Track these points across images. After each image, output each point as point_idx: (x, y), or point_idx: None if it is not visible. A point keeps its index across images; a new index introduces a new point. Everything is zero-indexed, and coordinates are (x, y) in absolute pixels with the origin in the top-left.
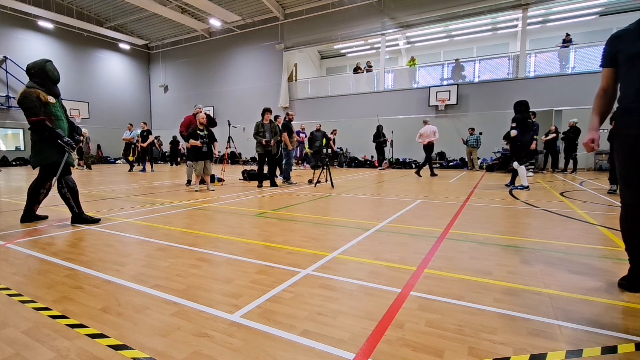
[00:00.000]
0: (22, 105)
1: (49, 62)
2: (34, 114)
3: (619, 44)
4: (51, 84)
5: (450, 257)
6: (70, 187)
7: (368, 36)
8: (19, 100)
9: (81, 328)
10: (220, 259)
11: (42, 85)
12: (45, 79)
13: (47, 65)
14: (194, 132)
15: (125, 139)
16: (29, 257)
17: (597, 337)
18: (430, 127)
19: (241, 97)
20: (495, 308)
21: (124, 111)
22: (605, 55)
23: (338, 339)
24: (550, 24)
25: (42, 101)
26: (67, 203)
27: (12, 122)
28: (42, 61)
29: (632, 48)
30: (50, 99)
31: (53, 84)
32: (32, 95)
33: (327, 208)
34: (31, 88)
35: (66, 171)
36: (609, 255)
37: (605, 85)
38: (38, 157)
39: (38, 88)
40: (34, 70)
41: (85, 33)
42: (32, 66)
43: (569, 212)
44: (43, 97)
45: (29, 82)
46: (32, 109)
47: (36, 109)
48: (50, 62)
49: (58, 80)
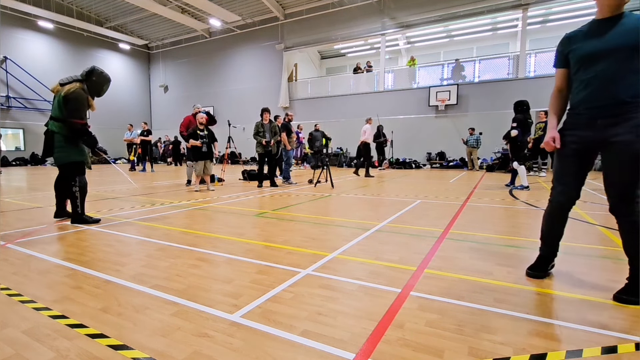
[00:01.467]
0: (70, 103)
1: (110, 82)
2: (79, 117)
3: (571, 44)
4: (94, 94)
5: (450, 257)
6: (81, 187)
7: (368, 36)
8: (69, 97)
9: (81, 328)
10: (220, 259)
11: (90, 93)
12: (94, 89)
13: (108, 83)
14: (194, 132)
15: (126, 139)
16: (29, 257)
17: (597, 337)
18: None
19: (241, 97)
20: (495, 308)
21: (123, 111)
22: (557, 56)
23: (338, 339)
24: (550, 24)
25: (88, 106)
26: (73, 202)
27: (12, 122)
28: (107, 77)
29: (581, 49)
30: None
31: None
32: (83, 97)
33: (327, 208)
34: (83, 90)
35: (81, 171)
36: (609, 255)
37: (560, 85)
38: (62, 154)
39: (87, 92)
40: (96, 77)
41: (85, 33)
42: (97, 73)
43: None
44: (92, 104)
45: (81, 83)
46: (80, 111)
47: (83, 113)
48: (110, 82)
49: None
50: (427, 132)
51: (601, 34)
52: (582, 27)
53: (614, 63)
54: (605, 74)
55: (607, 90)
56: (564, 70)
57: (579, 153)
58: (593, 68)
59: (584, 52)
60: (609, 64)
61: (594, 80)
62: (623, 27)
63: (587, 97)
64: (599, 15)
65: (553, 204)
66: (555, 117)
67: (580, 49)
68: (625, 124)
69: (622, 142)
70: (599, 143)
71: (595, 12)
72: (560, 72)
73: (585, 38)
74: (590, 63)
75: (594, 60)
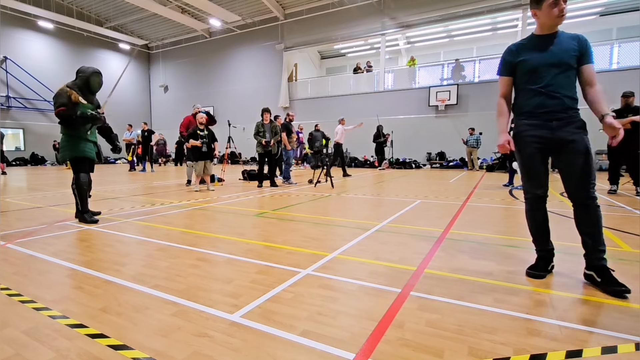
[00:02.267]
0: (53, 101)
1: (98, 74)
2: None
3: (517, 56)
4: (87, 91)
5: (450, 257)
6: (79, 185)
7: (368, 36)
8: (53, 96)
9: (81, 328)
10: (220, 259)
11: (80, 89)
12: (84, 85)
13: (93, 75)
14: (194, 132)
15: (125, 139)
16: (29, 257)
17: (597, 337)
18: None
19: (241, 97)
20: (495, 308)
21: (123, 111)
22: (504, 65)
23: (338, 339)
24: None
25: (72, 100)
26: (75, 199)
27: (12, 122)
28: (92, 70)
29: (529, 62)
30: (81, 99)
31: (90, 92)
32: (64, 92)
33: (327, 208)
34: (68, 87)
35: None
36: (609, 255)
37: (506, 92)
38: (65, 151)
39: (74, 89)
40: (81, 73)
41: (85, 33)
42: (82, 70)
43: (569, 212)
44: (75, 97)
45: (70, 82)
46: (58, 103)
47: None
48: (98, 74)
49: (96, 91)
50: (427, 132)
51: (544, 49)
52: (523, 41)
53: (558, 75)
54: (552, 84)
55: (555, 98)
56: (510, 78)
57: (541, 150)
58: (541, 79)
59: (533, 65)
60: (554, 76)
61: (543, 89)
62: (560, 45)
63: (539, 104)
64: (539, 31)
65: (531, 199)
66: (505, 120)
67: (528, 62)
68: (573, 125)
69: (576, 140)
70: (557, 141)
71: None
72: (506, 79)
73: (531, 52)
74: (538, 75)
75: (541, 72)
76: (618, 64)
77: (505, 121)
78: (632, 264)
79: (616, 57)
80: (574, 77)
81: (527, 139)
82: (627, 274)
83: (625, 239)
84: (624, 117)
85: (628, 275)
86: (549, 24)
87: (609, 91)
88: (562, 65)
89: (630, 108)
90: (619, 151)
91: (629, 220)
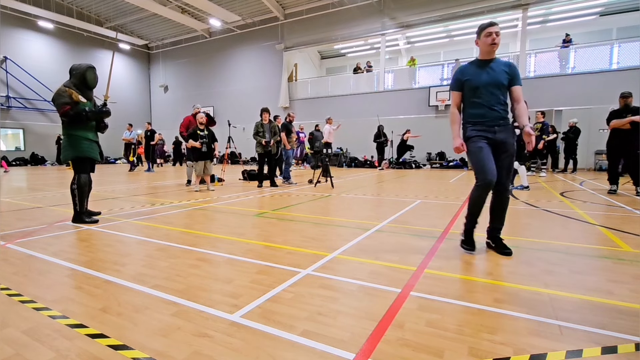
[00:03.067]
0: (54, 102)
1: (92, 69)
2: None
3: (465, 75)
4: (86, 88)
5: (450, 257)
6: (80, 186)
7: (368, 36)
8: (53, 99)
9: (81, 328)
10: (220, 259)
11: (77, 87)
12: (81, 82)
13: (89, 71)
14: (194, 133)
15: (125, 139)
16: (29, 257)
17: (597, 337)
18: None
19: (241, 97)
20: (495, 308)
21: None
22: (455, 82)
23: (338, 339)
24: (550, 24)
25: (73, 99)
26: (73, 200)
27: (12, 122)
28: (85, 66)
29: (473, 81)
30: (81, 98)
31: (88, 89)
32: (64, 92)
33: (327, 208)
34: (66, 87)
35: (85, 168)
36: (609, 255)
37: (458, 103)
38: (69, 151)
39: (72, 88)
40: (75, 71)
41: (85, 33)
42: (75, 67)
43: (569, 212)
44: (75, 96)
45: (67, 82)
46: (62, 103)
47: (64, 102)
48: (93, 69)
49: (94, 87)
50: (427, 132)
51: (484, 71)
52: (470, 63)
53: (494, 92)
54: (491, 99)
55: (493, 110)
56: (460, 92)
57: (490, 147)
58: (483, 95)
59: (476, 84)
60: (492, 93)
61: (485, 103)
62: (496, 69)
63: (482, 114)
64: (481, 57)
65: (483, 185)
66: (458, 126)
67: (473, 81)
68: (508, 131)
69: (509, 143)
70: (498, 142)
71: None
72: (457, 94)
73: (475, 72)
74: (480, 91)
75: (482, 89)
76: (618, 64)
77: (458, 127)
78: (632, 264)
79: (616, 57)
80: (506, 94)
81: (475, 138)
82: (627, 273)
83: (625, 239)
84: (623, 118)
85: (628, 275)
86: (485, 50)
87: (609, 91)
88: (497, 85)
89: (629, 108)
90: (619, 151)
91: (629, 220)
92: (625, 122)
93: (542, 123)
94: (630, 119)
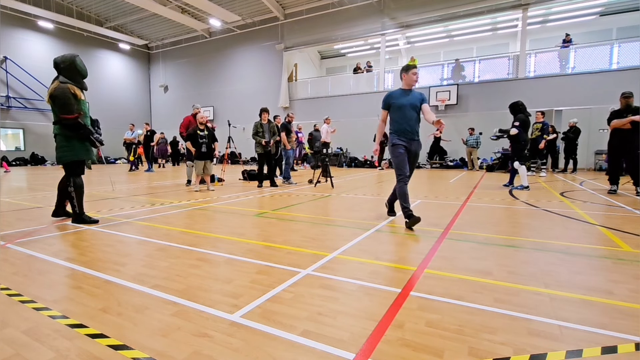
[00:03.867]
0: (57, 101)
1: (78, 56)
2: (69, 112)
3: (391, 99)
4: (80, 78)
5: (450, 257)
6: (76, 187)
7: (368, 36)
8: (54, 95)
9: (81, 328)
10: (220, 259)
11: (72, 80)
12: (75, 74)
13: (77, 59)
14: (195, 133)
15: (127, 139)
16: (29, 257)
17: (597, 337)
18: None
19: (241, 97)
20: (495, 308)
21: (123, 111)
22: (384, 102)
23: (338, 339)
24: (550, 24)
25: (77, 98)
26: (71, 202)
27: (12, 122)
28: (72, 56)
29: (397, 103)
30: (82, 95)
31: (82, 78)
32: (68, 92)
33: (327, 208)
34: (65, 83)
35: (82, 170)
36: (609, 255)
37: (385, 118)
38: (68, 153)
39: (71, 83)
40: (64, 64)
41: (85, 33)
42: (60, 60)
43: (569, 212)
44: (78, 94)
45: (61, 77)
46: (68, 106)
47: (72, 107)
48: (79, 56)
49: (86, 75)
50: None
51: (405, 97)
52: (397, 90)
53: (411, 112)
54: (408, 117)
55: (409, 125)
56: (387, 111)
57: (407, 153)
58: (403, 113)
59: (398, 105)
60: (409, 112)
61: (404, 119)
62: (413, 96)
63: (403, 128)
64: (403, 87)
65: (402, 179)
66: (381, 136)
67: (396, 103)
68: (418, 142)
69: (418, 152)
70: (412, 150)
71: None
72: (385, 112)
73: (399, 97)
74: (402, 112)
75: (402, 109)
76: (618, 64)
77: (380, 136)
78: (632, 264)
79: (616, 57)
80: (419, 114)
81: (398, 146)
82: (627, 273)
83: (625, 239)
84: (624, 117)
85: (628, 275)
86: (408, 83)
87: (609, 91)
88: (414, 107)
89: (631, 108)
90: (619, 151)
91: (629, 220)
92: (625, 121)
93: (542, 123)
94: (631, 118)
